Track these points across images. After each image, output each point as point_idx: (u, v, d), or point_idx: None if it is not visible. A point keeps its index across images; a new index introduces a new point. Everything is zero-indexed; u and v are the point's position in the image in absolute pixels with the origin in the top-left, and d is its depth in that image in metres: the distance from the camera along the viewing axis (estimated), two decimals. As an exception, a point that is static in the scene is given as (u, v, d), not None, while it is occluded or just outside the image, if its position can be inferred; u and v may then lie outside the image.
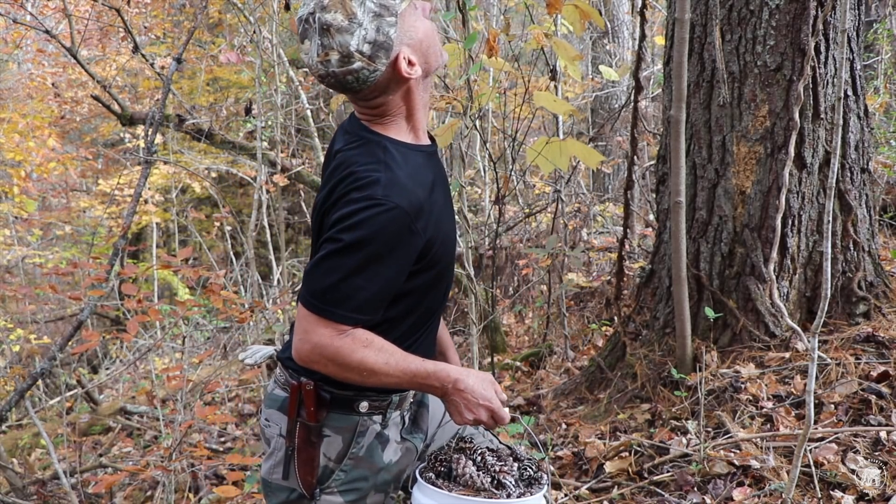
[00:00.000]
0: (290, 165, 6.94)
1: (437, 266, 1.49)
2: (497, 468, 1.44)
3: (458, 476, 1.42)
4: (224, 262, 9.04)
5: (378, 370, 1.40)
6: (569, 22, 3.02)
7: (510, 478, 1.43)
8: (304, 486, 1.53)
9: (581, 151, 3.02)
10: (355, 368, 1.40)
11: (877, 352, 2.88)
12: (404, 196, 1.37)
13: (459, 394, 1.43)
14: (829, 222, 2.02)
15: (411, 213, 1.37)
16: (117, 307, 6.03)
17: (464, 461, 1.45)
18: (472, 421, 1.43)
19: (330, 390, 1.50)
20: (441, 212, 1.50)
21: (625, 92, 7.11)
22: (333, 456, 1.52)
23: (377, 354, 1.40)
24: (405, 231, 1.37)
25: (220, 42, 8.76)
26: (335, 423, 1.52)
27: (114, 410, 5.47)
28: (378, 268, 1.37)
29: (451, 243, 1.55)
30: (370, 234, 1.35)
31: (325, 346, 1.38)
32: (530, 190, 7.73)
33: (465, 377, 1.43)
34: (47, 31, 4.56)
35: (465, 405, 1.43)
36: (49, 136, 9.19)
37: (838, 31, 3.00)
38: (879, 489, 2.27)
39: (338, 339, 1.39)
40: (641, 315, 3.51)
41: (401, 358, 1.42)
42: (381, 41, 1.37)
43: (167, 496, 3.30)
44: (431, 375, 1.43)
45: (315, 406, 1.50)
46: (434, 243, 1.46)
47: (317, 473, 1.52)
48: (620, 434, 3.00)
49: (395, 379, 1.42)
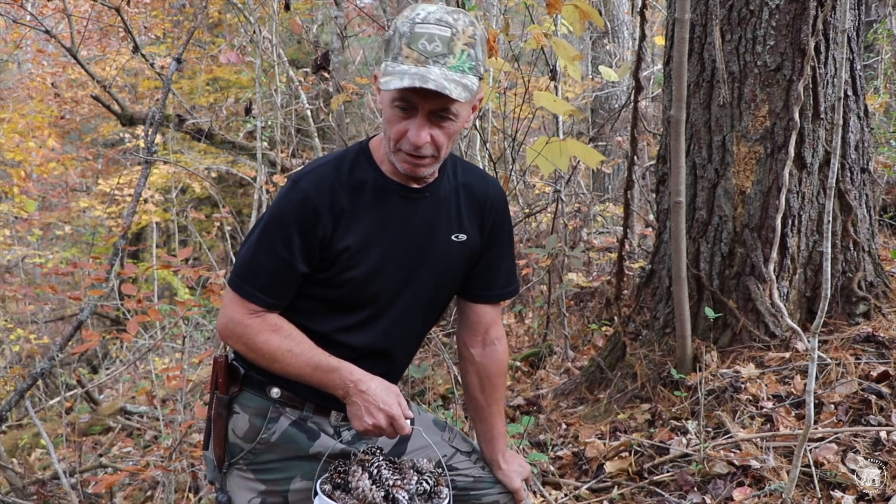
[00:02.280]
0: (290, 165, 6.94)
1: (346, 288, 1.47)
2: (391, 482, 1.42)
3: (353, 489, 1.41)
4: (224, 262, 9.03)
5: (279, 357, 1.43)
6: (569, 22, 3.01)
7: (403, 492, 1.41)
8: (216, 458, 1.55)
9: (581, 151, 3.01)
10: (258, 350, 1.44)
11: (877, 352, 2.88)
12: (319, 186, 1.43)
13: (360, 395, 1.41)
14: (829, 222, 2.02)
15: (316, 200, 1.42)
16: (117, 307, 6.04)
17: (360, 473, 1.43)
18: (372, 426, 1.41)
19: (245, 367, 1.54)
20: (383, 247, 1.47)
21: (625, 92, 7.11)
22: (241, 434, 1.53)
23: (282, 340, 1.44)
24: (308, 211, 1.41)
25: (220, 42, 8.76)
26: (245, 400, 1.54)
27: (114, 410, 5.47)
28: (272, 241, 1.43)
29: (384, 288, 1.50)
30: (275, 208, 1.45)
31: (237, 323, 1.45)
32: (530, 190, 7.73)
33: (367, 379, 1.42)
34: (47, 31, 4.56)
35: (366, 408, 1.41)
36: (49, 137, 9.19)
37: (838, 31, 3.00)
38: (879, 489, 2.27)
39: (248, 317, 1.45)
40: (641, 315, 3.51)
41: (307, 349, 1.44)
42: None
43: (167, 496, 3.30)
44: (334, 371, 1.43)
45: (225, 379, 1.53)
46: (348, 257, 1.44)
47: (225, 447, 1.54)
48: (620, 434, 3.00)
49: (296, 369, 1.44)
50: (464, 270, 1.60)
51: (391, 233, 1.48)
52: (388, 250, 1.48)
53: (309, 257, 1.43)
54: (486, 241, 1.61)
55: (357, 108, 8.00)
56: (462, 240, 1.56)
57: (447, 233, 1.54)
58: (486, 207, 1.60)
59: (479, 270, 1.63)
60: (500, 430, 1.72)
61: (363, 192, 1.45)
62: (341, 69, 7.67)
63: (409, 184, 1.48)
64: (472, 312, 1.67)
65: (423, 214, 1.51)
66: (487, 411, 1.71)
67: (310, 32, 7.95)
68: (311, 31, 8.21)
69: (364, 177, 1.46)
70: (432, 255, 1.53)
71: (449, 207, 1.54)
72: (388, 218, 1.47)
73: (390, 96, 1.35)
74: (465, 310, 1.69)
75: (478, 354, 1.69)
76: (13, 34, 8.23)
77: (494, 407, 1.72)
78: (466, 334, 1.70)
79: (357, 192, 1.45)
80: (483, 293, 1.66)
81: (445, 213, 1.54)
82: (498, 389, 1.72)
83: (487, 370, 1.69)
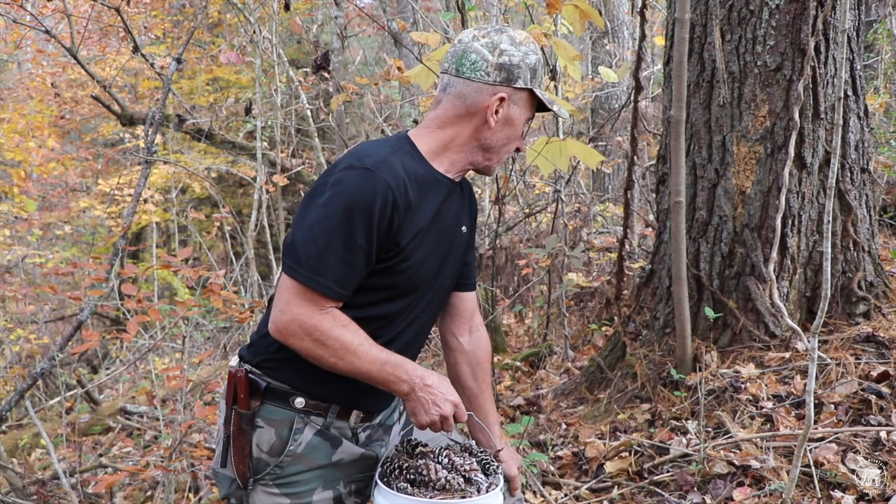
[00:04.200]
0: (290, 165, 6.94)
1: (400, 276, 1.49)
2: (467, 467, 1.48)
3: (433, 482, 1.44)
4: (224, 262, 9.04)
5: (354, 350, 1.42)
6: (569, 22, 3.01)
7: (480, 474, 1.48)
8: (238, 475, 1.54)
9: (581, 151, 3.01)
10: (330, 346, 1.42)
11: (877, 352, 2.88)
12: (396, 178, 1.43)
13: (427, 389, 1.46)
14: (829, 222, 2.02)
15: (395, 191, 1.41)
16: (117, 307, 6.04)
17: (433, 465, 1.47)
18: (437, 417, 1.46)
19: (266, 380, 1.52)
20: (433, 237, 1.53)
21: (625, 92, 7.11)
22: (266, 448, 1.52)
23: (353, 335, 1.43)
24: (389, 202, 1.41)
25: (220, 42, 8.76)
26: (269, 414, 1.53)
27: (114, 410, 5.47)
28: (350, 230, 1.40)
29: (427, 274, 1.56)
30: (351, 195, 1.40)
31: (308, 318, 1.41)
32: (530, 190, 7.73)
33: (429, 375, 1.48)
34: (47, 31, 4.56)
35: (433, 401, 1.46)
36: (49, 137, 9.19)
37: (838, 31, 3.00)
38: (879, 489, 2.27)
39: (319, 313, 1.42)
40: (641, 315, 3.51)
41: (373, 345, 1.45)
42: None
43: (167, 496, 3.30)
44: (400, 367, 1.46)
45: (246, 393, 1.51)
46: (410, 248, 1.47)
47: (249, 463, 1.52)
48: (620, 434, 3.00)
49: (367, 363, 1.44)
50: (463, 260, 1.70)
51: (438, 225, 1.55)
52: (435, 241, 1.55)
53: (380, 248, 1.44)
54: (472, 231, 1.74)
55: (357, 108, 8.00)
56: (465, 231, 1.67)
57: (461, 224, 1.65)
58: (472, 199, 1.72)
59: (467, 259, 1.74)
60: (494, 416, 1.80)
61: (422, 185, 1.50)
62: (341, 69, 7.67)
63: (455, 178, 1.58)
64: (459, 301, 1.77)
65: (455, 207, 1.61)
66: (482, 398, 1.78)
67: (310, 32, 7.95)
68: (311, 31, 8.21)
69: (421, 171, 1.51)
70: (454, 245, 1.63)
71: (463, 200, 1.66)
72: (437, 211, 1.54)
73: (528, 115, 1.56)
74: (451, 300, 1.76)
75: (466, 342, 1.77)
76: (13, 34, 8.22)
77: (487, 392, 1.79)
78: (454, 324, 1.78)
79: (418, 186, 1.49)
80: (467, 281, 1.77)
81: (461, 205, 1.65)
82: (488, 375, 1.80)
83: (477, 356, 1.78)
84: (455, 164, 1.56)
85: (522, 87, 1.51)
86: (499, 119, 1.51)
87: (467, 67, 1.50)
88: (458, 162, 1.56)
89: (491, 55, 1.49)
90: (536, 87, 1.54)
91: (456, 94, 1.52)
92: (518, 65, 1.50)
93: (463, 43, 1.52)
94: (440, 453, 1.52)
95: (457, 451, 1.55)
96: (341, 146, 6.84)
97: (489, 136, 1.53)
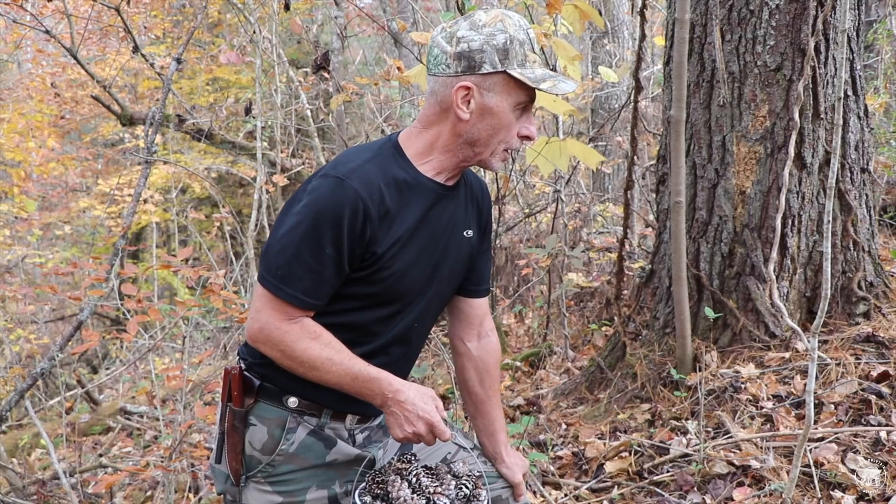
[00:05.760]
0: (290, 165, 6.94)
1: (382, 285, 1.47)
2: (432, 489, 1.43)
3: (394, 499, 1.41)
4: (224, 262, 9.03)
5: (319, 366, 1.41)
6: (568, 22, 3.01)
7: (444, 498, 1.42)
8: (232, 471, 1.53)
9: (581, 151, 3.01)
10: (297, 358, 1.41)
11: (877, 352, 2.88)
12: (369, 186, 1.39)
13: (399, 405, 1.42)
14: (829, 222, 2.02)
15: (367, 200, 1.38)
16: (117, 307, 6.03)
17: (399, 483, 1.43)
18: (412, 434, 1.42)
19: (260, 377, 1.51)
20: (417, 244, 1.49)
21: (625, 92, 7.11)
22: (259, 446, 1.51)
23: (322, 348, 1.41)
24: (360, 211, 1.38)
25: (220, 42, 8.76)
26: (262, 412, 1.52)
27: (114, 410, 5.47)
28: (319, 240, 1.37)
29: (414, 282, 1.52)
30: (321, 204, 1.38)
31: (274, 329, 1.40)
32: (530, 190, 7.73)
33: (405, 389, 1.43)
34: (47, 31, 4.56)
35: (405, 417, 1.42)
36: (49, 137, 9.19)
37: (838, 31, 3.00)
38: (879, 489, 2.27)
39: (286, 323, 1.40)
40: (641, 315, 3.51)
41: (346, 358, 1.43)
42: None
43: (167, 496, 3.30)
44: (373, 380, 1.43)
45: (240, 391, 1.51)
46: (389, 257, 1.44)
47: (242, 460, 1.52)
48: (620, 434, 3.00)
49: (336, 377, 1.42)
50: (467, 265, 1.65)
51: (425, 231, 1.50)
52: (421, 248, 1.50)
53: (353, 258, 1.42)
54: (481, 236, 1.68)
55: (357, 108, 8.00)
56: (469, 236, 1.62)
57: (462, 229, 1.60)
58: (482, 203, 1.67)
59: (475, 265, 1.69)
60: (501, 422, 1.76)
61: (403, 191, 1.46)
62: (341, 69, 7.67)
63: (446, 182, 1.53)
64: (468, 307, 1.72)
65: (450, 212, 1.55)
66: (488, 404, 1.74)
67: (310, 32, 7.94)
68: (311, 31, 8.21)
69: (403, 175, 1.46)
70: (451, 251, 1.58)
71: (465, 204, 1.61)
72: (423, 217, 1.49)
73: (515, 100, 1.43)
74: (459, 305, 1.73)
75: (474, 348, 1.73)
76: (13, 34, 8.22)
77: (494, 399, 1.75)
78: (462, 329, 1.74)
79: (399, 192, 1.45)
80: (477, 287, 1.72)
81: (462, 209, 1.60)
82: (495, 381, 1.76)
83: (485, 362, 1.74)
84: (445, 165, 1.50)
85: (491, 72, 1.41)
86: (472, 110, 1.43)
87: (432, 63, 1.46)
88: (448, 162, 1.50)
89: (449, 45, 1.43)
90: (512, 68, 1.41)
91: (430, 92, 1.47)
92: (480, 49, 1.40)
93: (432, 38, 1.48)
94: (411, 472, 1.47)
95: (440, 472, 1.49)
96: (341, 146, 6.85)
97: (469, 130, 1.45)
